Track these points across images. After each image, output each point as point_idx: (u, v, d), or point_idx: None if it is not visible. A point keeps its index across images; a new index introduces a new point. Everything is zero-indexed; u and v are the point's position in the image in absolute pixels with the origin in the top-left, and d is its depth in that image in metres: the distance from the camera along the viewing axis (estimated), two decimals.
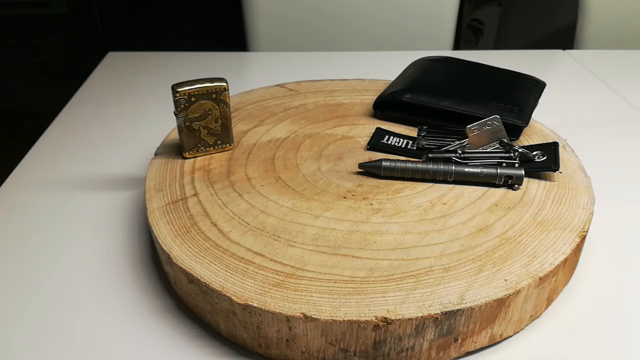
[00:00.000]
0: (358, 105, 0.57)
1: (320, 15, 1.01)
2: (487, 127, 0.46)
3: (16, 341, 0.37)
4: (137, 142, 0.60)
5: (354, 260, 0.36)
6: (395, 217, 0.40)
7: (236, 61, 0.82)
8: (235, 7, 0.96)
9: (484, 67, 0.58)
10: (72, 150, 0.59)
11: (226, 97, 0.45)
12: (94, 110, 0.68)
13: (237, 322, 0.35)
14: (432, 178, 0.44)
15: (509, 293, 0.34)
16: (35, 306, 0.39)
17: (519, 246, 0.37)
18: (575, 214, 0.41)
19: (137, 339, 0.37)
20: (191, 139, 0.46)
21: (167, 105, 0.69)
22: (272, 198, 0.42)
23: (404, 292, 0.33)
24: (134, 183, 0.53)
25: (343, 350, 0.33)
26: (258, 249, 0.37)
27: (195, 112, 0.45)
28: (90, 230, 0.47)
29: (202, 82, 0.44)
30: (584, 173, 0.46)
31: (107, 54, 0.84)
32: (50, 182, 0.53)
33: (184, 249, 0.37)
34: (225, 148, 0.48)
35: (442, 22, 1.01)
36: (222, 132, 0.47)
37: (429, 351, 0.34)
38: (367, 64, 0.82)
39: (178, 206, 0.41)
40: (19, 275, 0.42)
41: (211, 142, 0.47)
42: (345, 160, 0.47)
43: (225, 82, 0.45)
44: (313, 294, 0.33)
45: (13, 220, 0.48)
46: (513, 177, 0.43)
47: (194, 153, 0.47)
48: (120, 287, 0.41)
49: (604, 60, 0.84)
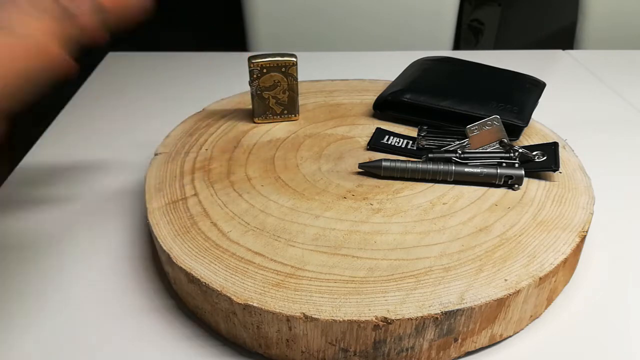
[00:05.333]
0: (358, 105, 0.57)
1: (321, 15, 1.01)
2: (487, 127, 0.46)
3: (16, 340, 0.37)
4: (137, 142, 0.60)
5: (354, 260, 0.36)
6: (395, 217, 0.40)
7: (236, 61, 0.82)
8: (236, 8, 0.96)
9: (484, 67, 0.58)
10: (72, 150, 0.59)
11: (294, 72, 0.51)
12: (94, 110, 0.68)
13: (237, 322, 0.35)
14: (432, 178, 0.44)
15: (509, 293, 0.34)
16: (35, 306, 0.39)
17: (519, 246, 0.37)
18: (575, 214, 0.41)
19: (137, 338, 0.37)
20: (261, 107, 0.52)
21: (167, 105, 0.69)
22: (272, 198, 0.42)
23: (404, 292, 0.33)
24: (134, 183, 0.53)
25: (343, 350, 0.33)
26: (258, 248, 0.37)
27: (266, 82, 0.50)
28: (90, 230, 0.47)
29: (273, 56, 0.50)
30: (584, 173, 0.46)
31: (107, 54, 0.84)
32: (50, 182, 0.53)
33: (184, 248, 0.37)
34: (291, 118, 0.53)
35: (442, 22, 1.02)
36: (288, 102, 0.52)
37: (429, 351, 0.34)
38: (367, 64, 0.82)
39: (178, 206, 0.41)
40: (18, 274, 0.42)
41: (278, 111, 0.52)
42: (345, 160, 0.47)
43: (294, 57, 0.50)
44: (313, 294, 0.33)
45: (13, 219, 0.48)
46: (513, 177, 0.43)
47: (263, 119, 0.53)
48: (120, 287, 0.41)
49: (604, 60, 0.84)
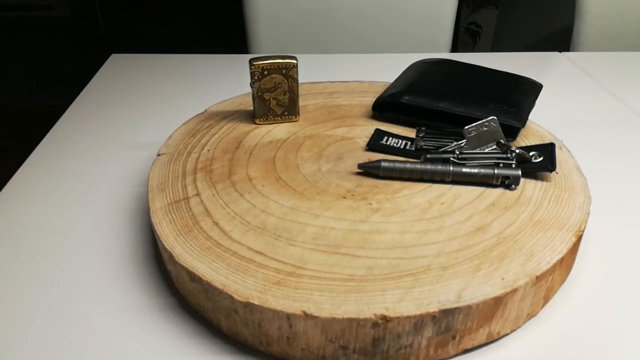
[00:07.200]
0: (357, 106, 0.58)
1: (320, 18, 1.01)
2: (484, 129, 0.47)
3: (20, 339, 0.37)
4: (140, 143, 0.61)
5: (353, 259, 0.36)
6: (394, 216, 0.41)
7: (238, 63, 0.83)
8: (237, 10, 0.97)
9: (482, 69, 0.59)
10: (76, 151, 0.59)
11: (295, 74, 0.51)
12: (97, 111, 0.68)
13: (238, 320, 0.35)
14: (430, 178, 0.44)
15: (506, 291, 0.34)
16: (38, 304, 0.40)
17: (516, 245, 0.38)
18: (572, 214, 0.41)
19: (140, 336, 0.37)
20: (262, 108, 0.52)
21: (170, 106, 0.70)
22: (273, 198, 0.43)
23: (403, 290, 0.34)
24: (137, 183, 0.54)
25: (342, 348, 0.34)
26: (259, 247, 0.37)
27: (267, 84, 0.51)
28: (93, 230, 0.47)
29: (274, 58, 0.51)
30: (580, 173, 0.47)
31: (110, 56, 0.85)
32: (54, 183, 0.54)
33: (186, 247, 0.38)
34: (291, 119, 0.54)
35: (440, 25, 1.02)
36: (289, 104, 0.53)
37: (427, 348, 0.35)
38: (367, 66, 0.83)
39: (180, 206, 0.42)
40: (22, 273, 0.42)
41: (279, 113, 0.53)
42: (345, 160, 0.48)
43: (295, 60, 0.51)
44: (313, 292, 0.34)
45: (17, 219, 0.48)
46: (510, 178, 0.43)
47: (264, 120, 0.53)
48: (123, 286, 0.41)
49: (600, 62, 0.85)
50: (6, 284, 0.41)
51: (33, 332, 0.38)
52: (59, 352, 0.36)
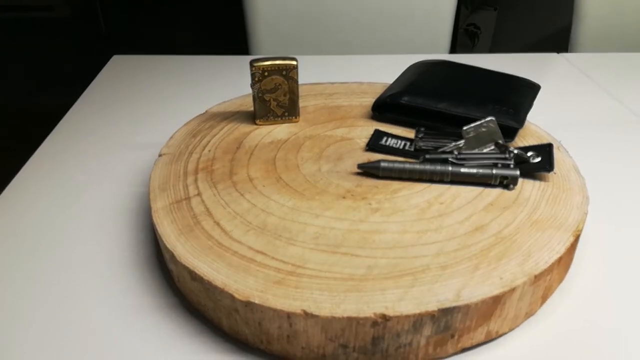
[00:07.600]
0: (357, 107, 0.58)
1: (321, 20, 1.02)
2: (482, 129, 0.47)
3: (21, 339, 0.37)
4: (142, 144, 0.61)
5: (353, 258, 0.37)
6: (393, 216, 0.41)
7: (238, 64, 0.83)
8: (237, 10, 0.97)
9: (480, 70, 0.59)
10: (78, 151, 0.60)
11: (295, 75, 0.51)
12: (99, 112, 0.68)
13: (239, 319, 0.35)
14: (429, 178, 0.45)
15: (504, 291, 0.34)
16: (39, 304, 0.40)
17: (514, 245, 0.38)
18: (570, 214, 0.41)
19: (141, 335, 0.38)
20: (263, 109, 0.53)
21: (171, 107, 0.70)
22: (274, 198, 0.43)
23: (402, 289, 0.34)
24: (138, 183, 0.54)
25: (342, 346, 0.34)
26: (260, 247, 0.38)
27: (268, 85, 0.51)
28: (95, 229, 0.47)
29: (274, 60, 0.51)
30: (578, 174, 0.47)
31: (112, 57, 0.85)
32: (56, 182, 0.54)
33: (187, 247, 0.38)
34: (292, 120, 0.54)
35: (439, 26, 1.03)
36: (289, 105, 0.53)
37: (426, 347, 0.35)
38: (366, 67, 0.83)
39: (182, 205, 0.42)
40: (24, 273, 0.43)
41: (279, 113, 0.53)
42: (345, 161, 0.48)
43: (295, 61, 0.51)
44: (313, 291, 0.34)
45: (20, 218, 0.49)
46: (508, 178, 0.44)
47: (264, 121, 0.53)
48: (125, 285, 0.42)
49: (598, 63, 0.85)
50: (8, 284, 0.42)
51: (34, 332, 0.38)
52: (60, 351, 0.36)
